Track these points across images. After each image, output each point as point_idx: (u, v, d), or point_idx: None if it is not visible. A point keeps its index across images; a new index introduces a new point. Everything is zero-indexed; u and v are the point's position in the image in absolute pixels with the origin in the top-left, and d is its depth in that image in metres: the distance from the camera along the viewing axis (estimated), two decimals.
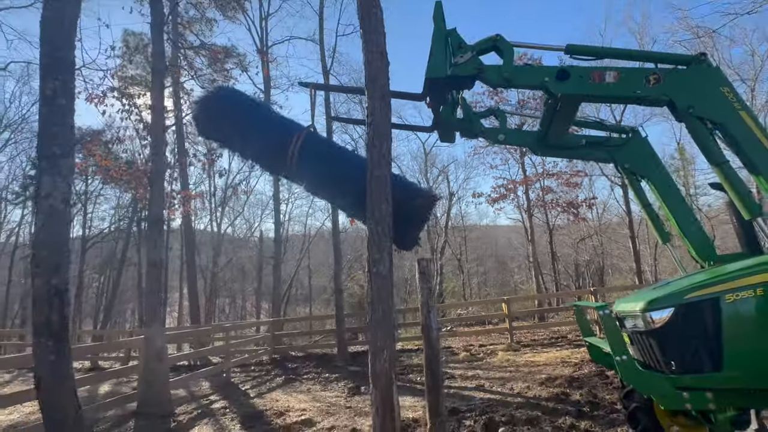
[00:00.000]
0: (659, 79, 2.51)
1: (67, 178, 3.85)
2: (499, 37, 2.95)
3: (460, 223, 29.60)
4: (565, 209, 15.04)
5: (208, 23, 20.23)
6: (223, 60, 18.72)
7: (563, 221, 19.00)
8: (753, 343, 2.31)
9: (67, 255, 4.00)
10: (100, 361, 13.47)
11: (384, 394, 2.73)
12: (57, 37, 3.60)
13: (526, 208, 16.22)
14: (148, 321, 6.30)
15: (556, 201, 14.68)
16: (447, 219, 23.00)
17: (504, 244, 38.22)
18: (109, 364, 12.35)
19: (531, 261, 17.35)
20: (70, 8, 3.69)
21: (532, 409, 5.02)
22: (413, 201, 3.11)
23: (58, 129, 3.71)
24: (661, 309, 2.50)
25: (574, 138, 3.56)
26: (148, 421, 5.79)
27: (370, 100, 2.98)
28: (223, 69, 19.05)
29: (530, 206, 15.81)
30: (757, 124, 2.35)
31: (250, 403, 6.79)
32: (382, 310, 2.79)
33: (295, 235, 30.22)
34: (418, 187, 3.30)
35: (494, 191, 15.65)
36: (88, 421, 5.98)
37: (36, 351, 3.81)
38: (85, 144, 14.03)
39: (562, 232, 23.92)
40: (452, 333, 13.64)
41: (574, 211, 14.58)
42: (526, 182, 15.44)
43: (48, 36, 3.58)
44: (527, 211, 16.10)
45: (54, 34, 3.58)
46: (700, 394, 2.38)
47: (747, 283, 2.39)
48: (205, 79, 18.92)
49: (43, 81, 3.62)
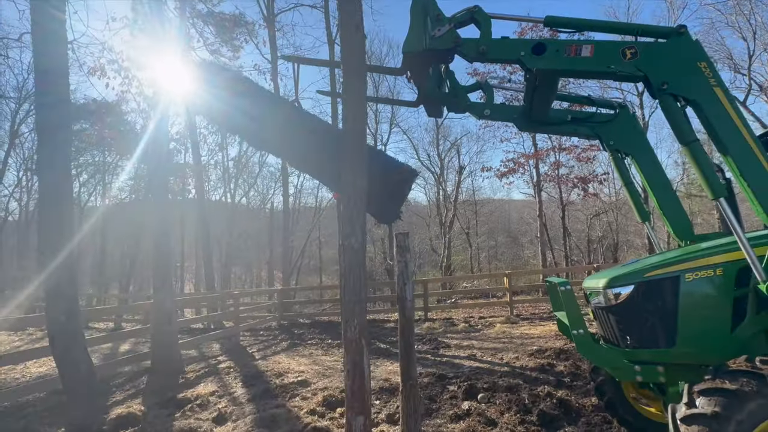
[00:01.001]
0: (636, 54, 2.43)
1: (63, 150, 4.05)
2: (477, 9, 2.86)
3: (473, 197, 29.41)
4: (576, 184, 14.72)
5: None
6: (231, 29, 18.45)
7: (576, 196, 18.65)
8: (705, 322, 2.35)
9: (71, 226, 4.26)
10: (123, 323, 14.44)
11: (355, 359, 2.91)
12: (47, 14, 3.67)
13: (536, 182, 15.94)
14: (157, 287, 6.68)
15: (566, 176, 14.33)
16: (456, 193, 22.85)
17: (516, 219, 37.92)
18: (132, 326, 13.22)
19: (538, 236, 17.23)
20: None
21: (515, 378, 5.22)
22: (391, 176, 3.15)
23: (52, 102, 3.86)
24: (622, 286, 2.55)
25: (560, 113, 3.48)
26: (159, 377, 6.29)
27: (345, 75, 2.99)
28: (232, 38, 18.81)
29: (539, 181, 15.51)
30: (731, 102, 2.26)
31: (254, 364, 7.25)
32: (353, 281, 2.93)
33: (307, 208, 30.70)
34: (396, 163, 3.33)
35: (503, 165, 15.40)
36: (106, 375, 6.55)
37: (48, 312, 4.17)
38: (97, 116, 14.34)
39: (575, 208, 23.52)
40: (455, 305, 13.95)
41: (584, 186, 14.26)
42: (537, 156, 15.09)
43: (38, 13, 3.65)
44: (536, 185, 15.82)
45: (44, 11, 3.66)
46: (652, 368, 2.47)
47: (707, 263, 2.40)
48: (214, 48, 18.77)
49: (36, 58, 3.73)
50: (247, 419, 4.29)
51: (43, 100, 3.96)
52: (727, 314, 2.30)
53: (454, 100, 3.48)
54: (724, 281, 2.33)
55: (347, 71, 2.94)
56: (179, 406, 4.88)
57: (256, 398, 5.08)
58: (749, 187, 2.19)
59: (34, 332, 13.27)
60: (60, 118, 3.96)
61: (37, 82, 3.86)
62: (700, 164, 2.21)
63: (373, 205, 3.22)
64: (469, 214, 27.92)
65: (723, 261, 2.36)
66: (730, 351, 2.24)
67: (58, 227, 4.06)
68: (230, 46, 19.05)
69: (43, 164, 4.04)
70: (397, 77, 20.07)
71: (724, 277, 2.34)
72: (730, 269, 2.33)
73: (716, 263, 2.36)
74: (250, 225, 29.10)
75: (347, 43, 2.95)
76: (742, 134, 2.19)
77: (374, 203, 3.23)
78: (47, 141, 3.97)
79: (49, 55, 3.76)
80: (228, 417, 4.44)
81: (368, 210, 3.29)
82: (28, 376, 6.88)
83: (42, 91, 3.91)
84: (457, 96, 3.47)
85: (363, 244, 2.97)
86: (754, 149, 2.17)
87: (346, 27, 2.93)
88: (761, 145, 2.19)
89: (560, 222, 19.02)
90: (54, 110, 3.86)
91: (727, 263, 2.35)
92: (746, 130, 2.19)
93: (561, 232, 21.64)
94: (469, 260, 24.50)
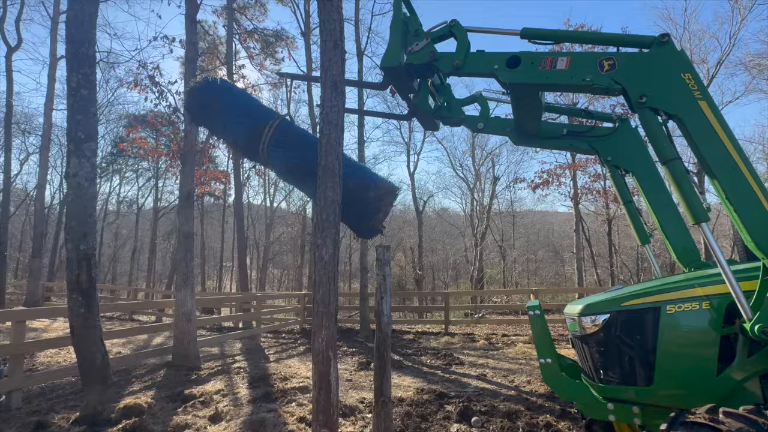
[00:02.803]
0: (614, 65, 2.24)
1: (90, 159, 4.48)
2: (455, 23, 2.81)
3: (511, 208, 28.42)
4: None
5: (261, 7, 21.08)
6: (274, 43, 19.50)
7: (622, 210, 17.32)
8: (687, 361, 2.09)
9: (93, 225, 4.69)
10: (164, 318, 15.51)
11: (321, 370, 2.92)
12: (78, 36, 4.13)
13: (573, 195, 15.07)
14: (178, 286, 7.12)
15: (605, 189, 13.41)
16: (490, 204, 22.14)
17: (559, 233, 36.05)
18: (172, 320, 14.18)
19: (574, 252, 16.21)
20: (88, 9, 4.18)
21: (518, 403, 4.93)
22: (366, 192, 3.15)
23: (81, 117, 4.30)
24: (596, 314, 2.34)
25: (554, 127, 3.28)
26: (176, 372, 6.67)
27: (323, 88, 3.04)
28: (274, 52, 19.88)
29: (576, 193, 14.63)
30: (718, 117, 2.00)
31: (265, 366, 7.46)
32: (322, 292, 2.94)
33: None
34: (374, 179, 3.30)
35: (537, 176, 14.75)
36: (131, 365, 7.06)
37: (70, 304, 4.59)
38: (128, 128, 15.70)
39: (625, 223, 21.89)
40: (479, 320, 13.46)
41: None
42: (574, 167, 14.28)
43: (71, 35, 4.12)
44: (573, 198, 14.94)
45: (75, 32, 4.12)
46: (626, 408, 2.22)
47: (692, 294, 2.14)
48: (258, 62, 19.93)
49: (69, 74, 4.20)
50: (239, 420, 4.42)
51: (75, 114, 4.39)
52: (713, 354, 2.03)
53: (448, 114, 3.42)
54: (711, 316, 2.07)
55: (326, 85, 3.01)
56: (184, 401, 5.14)
57: (255, 400, 5.21)
58: (735, 211, 1.93)
59: (113, 315, 14.62)
60: (88, 130, 4.40)
61: (69, 98, 4.30)
62: (680, 185, 2.00)
63: (349, 219, 3.23)
64: (505, 225, 26.96)
65: (711, 293, 2.09)
66: (714, 396, 1.97)
67: (83, 225, 4.47)
68: (273, 59, 20.17)
69: (74, 169, 4.45)
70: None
71: (711, 312, 2.07)
72: (719, 303, 2.06)
73: (702, 295, 2.10)
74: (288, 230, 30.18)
75: (326, 57, 3.01)
76: (728, 152, 1.95)
77: (350, 217, 3.24)
78: (75, 150, 4.39)
79: (78, 74, 4.21)
80: (223, 417, 4.60)
81: (347, 223, 3.31)
82: (69, 360, 7.58)
83: (74, 106, 4.36)
84: (451, 109, 3.41)
85: (334, 256, 2.98)
86: (741, 169, 1.92)
87: (326, 43, 3.00)
88: (750, 164, 1.93)
89: (606, 237, 17.75)
90: (81, 124, 4.29)
91: (715, 296, 2.08)
92: (734, 148, 1.94)
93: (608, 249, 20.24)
94: (503, 274, 23.57)
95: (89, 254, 4.55)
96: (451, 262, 31.34)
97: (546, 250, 35.85)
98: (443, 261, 32.19)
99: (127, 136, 14.77)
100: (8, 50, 16.01)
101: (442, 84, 3.43)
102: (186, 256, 7.38)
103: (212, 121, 3.72)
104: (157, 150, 18.44)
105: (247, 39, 19.22)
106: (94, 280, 4.64)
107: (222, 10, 17.65)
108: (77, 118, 4.25)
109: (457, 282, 31.43)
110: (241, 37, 18.93)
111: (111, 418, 4.41)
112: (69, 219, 4.42)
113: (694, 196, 1.99)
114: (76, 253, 4.45)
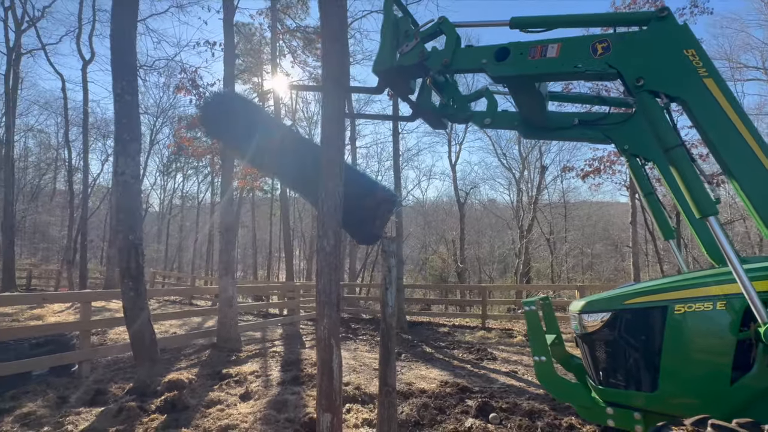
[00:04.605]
0: (608, 47, 2.02)
1: (135, 159, 4.97)
2: (443, 20, 2.71)
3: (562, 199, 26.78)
4: None
5: (303, 5, 21.63)
6: (315, 40, 19.96)
7: None
8: (697, 367, 1.87)
9: (139, 218, 5.21)
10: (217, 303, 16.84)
11: (324, 357, 3.02)
12: (120, 47, 4.58)
13: (629, 184, 13.79)
14: (221, 274, 7.69)
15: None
16: (537, 194, 21.02)
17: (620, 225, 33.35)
18: None
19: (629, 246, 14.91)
20: (128, 23, 4.61)
21: (543, 403, 4.72)
22: (363, 200, 3.16)
23: (126, 120, 4.78)
24: (596, 312, 2.18)
25: (564, 117, 3.03)
26: (218, 353, 7.25)
27: (323, 82, 3.10)
28: (315, 49, 20.36)
29: (633, 182, 13.37)
30: (727, 95, 1.72)
31: (299, 351, 7.84)
32: (323, 282, 3.03)
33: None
34: (373, 188, 3.30)
35: (588, 164, 13.72)
36: (182, 344, 7.78)
37: (122, 289, 5.16)
38: (176, 130, 16.92)
39: None
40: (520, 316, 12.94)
41: None
42: None
43: (114, 47, 4.58)
44: (630, 187, 13.68)
45: (118, 45, 4.57)
46: (627, 413, 2.05)
47: (705, 293, 1.90)
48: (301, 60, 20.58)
49: (114, 82, 4.68)
50: (265, 400, 4.72)
51: (120, 118, 4.87)
52: (727, 361, 1.81)
53: (453, 111, 3.33)
54: (726, 319, 1.84)
55: (326, 79, 3.07)
56: (221, 379, 5.59)
57: (284, 383, 5.53)
58: (750, 200, 1.69)
59: (175, 300, 16.34)
60: (132, 132, 4.87)
61: (115, 103, 4.78)
62: (684, 174, 1.78)
63: (346, 225, 3.27)
64: (556, 218, 25.49)
65: (729, 293, 1.85)
66: (725, 407, 1.76)
67: (129, 218, 4.98)
68: (315, 56, 20.67)
69: (121, 167, 4.95)
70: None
71: (726, 314, 1.84)
72: (736, 304, 1.82)
73: (717, 295, 1.87)
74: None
75: (326, 51, 3.07)
76: (740, 134, 1.70)
77: (348, 224, 3.28)
78: (123, 150, 4.89)
79: (122, 81, 4.66)
80: (252, 395, 4.94)
81: (345, 228, 3.35)
82: None
83: (119, 110, 4.83)
84: (457, 106, 3.32)
85: (336, 247, 3.05)
86: (756, 152, 1.67)
87: (325, 37, 3.05)
88: (766, 147, 1.66)
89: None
90: (126, 127, 4.77)
91: (734, 296, 1.84)
92: (747, 129, 1.69)
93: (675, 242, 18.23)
94: (551, 268, 22.37)
95: (137, 244, 5.07)
96: (497, 255, 30.35)
97: (604, 244, 33.35)
98: (489, 254, 31.26)
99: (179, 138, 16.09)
100: (83, 63, 18.05)
101: (446, 82, 3.34)
102: (227, 247, 7.93)
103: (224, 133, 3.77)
104: (211, 149, 19.88)
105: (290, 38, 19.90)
106: (142, 268, 5.17)
107: (267, 11, 18.41)
108: (123, 121, 4.74)
109: (505, 276, 30.36)
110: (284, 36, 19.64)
111: (157, 390, 4.93)
112: (118, 213, 4.96)
113: (700, 186, 1.76)
114: (126, 243, 4.98)
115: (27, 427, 3.99)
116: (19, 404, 4.50)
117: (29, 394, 4.82)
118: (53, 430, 3.93)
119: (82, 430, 3.91)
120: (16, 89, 19.69)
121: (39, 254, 32.62)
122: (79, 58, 18.27)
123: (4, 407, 4.41)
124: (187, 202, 32.70)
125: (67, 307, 12.67)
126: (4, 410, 4.34)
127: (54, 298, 8.53)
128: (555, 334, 2.91)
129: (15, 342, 5.32)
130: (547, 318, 2.93)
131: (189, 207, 33.57)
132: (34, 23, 19.44)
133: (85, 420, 4.15)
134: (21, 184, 27.93)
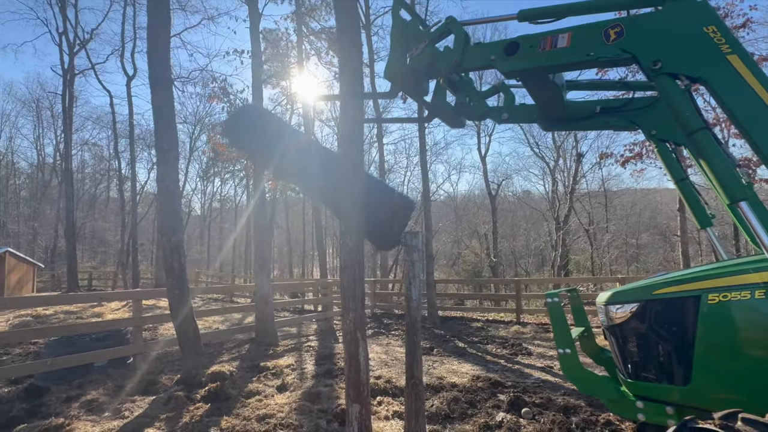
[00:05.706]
0: (622, 32, 1.92)
1: (173, 165, 5.31)
2: (451, 20, 2.68)
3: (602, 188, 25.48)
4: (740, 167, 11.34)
5: (327, 6, 21.93)
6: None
7: None
8: (734, 360, 1.76)
9: (180, 221, 5.56)
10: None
11: (350, 350, 3.12)
12: (156, 62, 4.91)
13: None
14: (256, 272, 8.04)
15: None
16: (573, 183, 20.11)
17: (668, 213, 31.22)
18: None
19: (678, 235, 13.90)
20: (162, 39, 4.93)
21: (578, 399, 4.58)
22: (379, 207, 3.18)
23: (164, 131, 5.12)
24: (624, 303, 2.10)
25: (586, 105, 2.89)
26: (257, 347, 7.61)
27: (341, 84, 3.18)
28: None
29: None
30: (755, 71, 1.58)
31: (333, 346, 8.06)
32: (348, 277, 3.13)
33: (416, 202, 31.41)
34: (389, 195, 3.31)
35: (628, 149, 12.96)
36: (223, 339, 8.23)
37: (167, 287, 5.55)
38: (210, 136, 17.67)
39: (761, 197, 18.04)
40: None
41: (750, 170, 10.90)
42: None
43: (150, 62, 4.92)
44: None
45: (153, 60, 4.90)
46: (659, 408, 1.97)
47: (743, 281, 1.79)
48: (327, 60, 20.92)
49: (152, 95, 5.02)
50: (299, 392, 4.92)
51: (159, 128, 5.22)
52: (766, 354, 1.70)
53: (470, 109, 3.31)
54: (766, 308, 1.72)
55: (342, 80, 3.15)
56: (260, 371, 5.88)
57: (318, 375, 5.72)
58: None
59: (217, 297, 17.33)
60: (170, 141, 5.21)
61: (154, 114, 5.13)
62: (710, 159, 1.69)
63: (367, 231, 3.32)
64: (596, 207, 24.29)
65: (766, 280, 1.74)
66: (766, 402, 1.66)
67: (171, 221, 5.33)
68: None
69: (161, 174, 5.31)
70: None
71: (766, 303, 1.73)
72: None
73: (755, 283, 1.76)
74: None
75: (343, 54, 3.14)
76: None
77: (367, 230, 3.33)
78: (162, 159, 5.23)
79: (159, 94, 5.00)
80: (288, 387, 5.16)
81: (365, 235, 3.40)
82: None
83: (157, 121, 5.18)
84: (473, 104, 3.29)
85: (359, 243, 3.14)
86: None
87: (342, 39, 3.13)
88: None
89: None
90: (164, 137, 5.11)
91: None
92: None
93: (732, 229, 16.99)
94: (591, 260, 21.37)
95: (179, 245, 5.43)
96: (533, 248, 29.41)
97: (651, 234, 31.38)
98: (524, 247, 30.37)
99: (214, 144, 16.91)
100: (127, 79, 19.34)
101: (460, 80, 3.31)
102: (261, 247, 8.28)
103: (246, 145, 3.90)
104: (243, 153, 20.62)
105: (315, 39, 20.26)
106: (184, 267, 5.53)
107: (292, 15, 18.87)
108: (161, 132, 5.09)
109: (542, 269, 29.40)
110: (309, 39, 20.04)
111: (201, 381, 5.27)
112: (160, 216, 5.33)
113: (727, 170, 1.66)
114: (169, 245, 5.35)
115: (91, 412, 4.42)
116: (84, 392, 4.98)
117: (92, 383, 5.33)
118: (113, 415, 4.32)
119: (137, 416, 4.27)
120: (72, 107, 21.47)
121: (98, 257, 35.51)
122: (124, 75, 19.61)
123: (72, 394, 4.90)
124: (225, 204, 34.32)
125: (122, 305, 13.74)
126: (72, 397, 4.82)
127: (110, 297, 9.31)
128: (584, 326, 2.82)
129: (78, 337, 5.87)
130: (575, 310, 2.85)
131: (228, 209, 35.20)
132: (84, 45, 21.09)
133: (140, 407, 4.53)
134: (79, 193, 30.50)
